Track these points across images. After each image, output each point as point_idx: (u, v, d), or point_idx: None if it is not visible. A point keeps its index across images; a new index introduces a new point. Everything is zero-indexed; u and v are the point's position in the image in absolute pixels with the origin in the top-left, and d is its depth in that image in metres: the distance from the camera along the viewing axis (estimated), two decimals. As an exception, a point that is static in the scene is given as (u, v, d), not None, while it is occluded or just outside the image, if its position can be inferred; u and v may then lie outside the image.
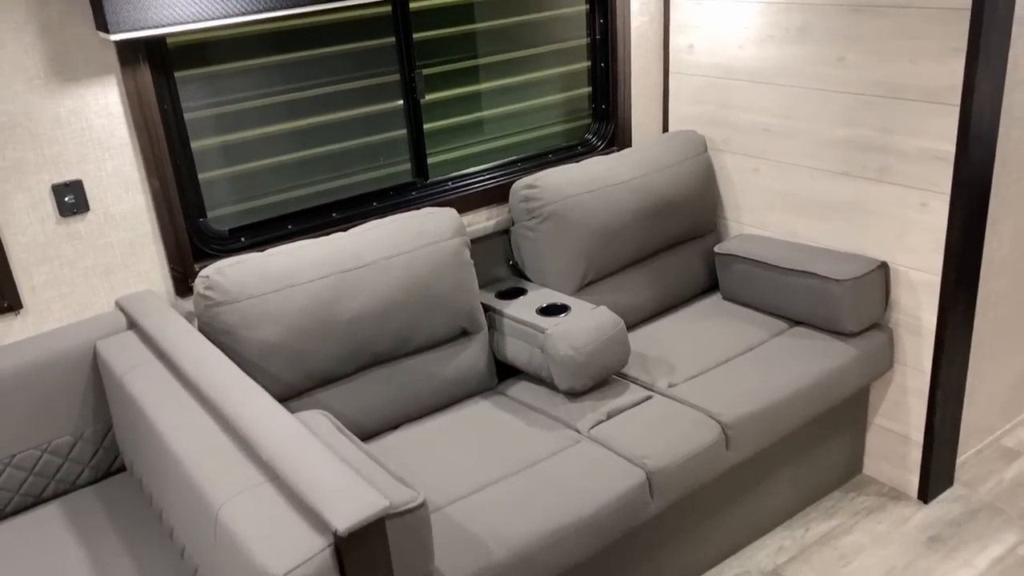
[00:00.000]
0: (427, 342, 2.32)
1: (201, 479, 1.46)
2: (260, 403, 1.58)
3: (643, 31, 2.91)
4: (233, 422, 1.55)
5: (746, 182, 2.85)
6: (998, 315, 2.68)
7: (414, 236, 2.26)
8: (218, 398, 1.63)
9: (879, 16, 2.32)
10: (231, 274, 2.03)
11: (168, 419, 1.66)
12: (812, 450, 2.58)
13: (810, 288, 2.51)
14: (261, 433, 1.48)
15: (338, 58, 2.38)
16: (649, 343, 2.60)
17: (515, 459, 2.09)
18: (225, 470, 1.47)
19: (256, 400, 1.59)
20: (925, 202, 2.37)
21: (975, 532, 2.54)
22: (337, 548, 1.28)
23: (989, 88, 2.22)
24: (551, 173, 2.58)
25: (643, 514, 2.04)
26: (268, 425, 1.50)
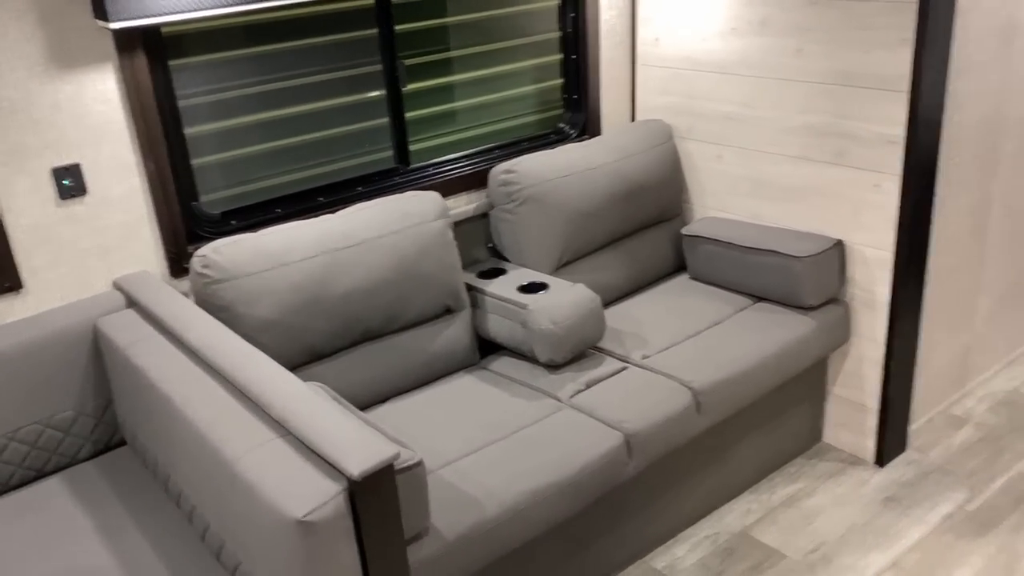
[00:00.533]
0: (414, 319, 2.43)
1: (215, 438, 1.56)
2: (267, 367, 1.68)
3: (611, 25, 3.05)
4: (242, 385, 1.65)
5: (710, 168, 3.01)
6: (945, 290, 2.86)
7: (400, 217, 2.37)
8: (225, 364, 1.72)
9: (834, 9, 2.49)
10: (228, 252, 2.12)
11: (177, 386, 1.75)
12: (775, 419, 2.74)
13: (772, 265, 2.67)
14: (270, 394, 1.58)
15: (324, 48, 2.48)
16: (622, 319, 2.74)
17: (501, 426, 2.21)
18: (238, 429, 1.57)
19: (262, 365, 1.69)
20: (878, 183, 2.54)
21: (927, 492, 2.72)
22: (351, 493, 1.39)
23: (934, 76, 2.39)
24: (528, 159, 2.70)
25: (622, 474, 2.17)
26: (276, 386, 1.60)
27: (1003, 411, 3.10)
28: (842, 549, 2.50)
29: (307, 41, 2.44)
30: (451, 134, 2.85)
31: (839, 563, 2.45)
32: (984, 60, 2.64)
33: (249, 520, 1.48)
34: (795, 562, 2.47)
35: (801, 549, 2.51)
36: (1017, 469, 2.80)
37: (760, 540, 2.56)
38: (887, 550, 2.49)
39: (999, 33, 2.65)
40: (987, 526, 2.56)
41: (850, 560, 2.46)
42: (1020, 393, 3.20)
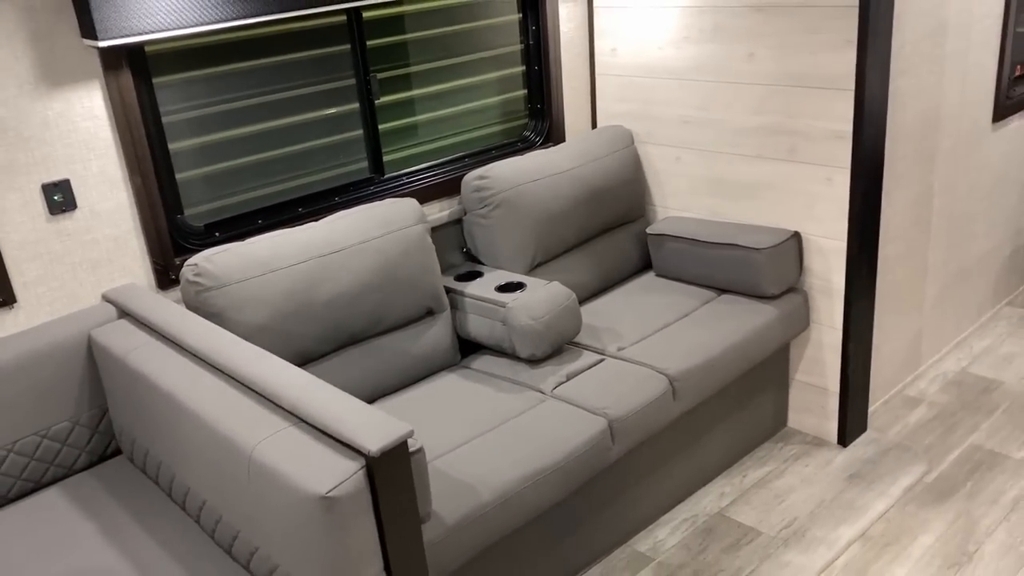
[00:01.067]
0: (397, 321, 2.51)
1: (228, 430, 1.62)
2: (271, 361, 1.75)
3: (570, 37, 3.19)
4: (249, 379, 1.71)
5: (670, 170, 3.15)
6: (895, 277, 3.04)
7: (381, 224, 2.46)
8: (228, 362, 1.79)
9: (782, 15, 2.66)
10: (218, 261, 2.19)
11: (182, 386, 1.81)
12: (743, 405, 2.88)
13: (734, 258, 2.82)
14: (279, 385, 1.65)
15: (300, 64, 2.56)
16: (595, 316, 2.86)
17: (488, 419, 2.30)
18: (249, 420, 1.63)
19: (266, 360, 1.76)
20: (830, 177, 2.70)
21: (888, 467, 2.87)
22: (369, 469, 1.47)
23: (877, 74, 2.57)
24: (499, 165, 2.81)
25: (606, 458, 2.27)
26: (284, 378, 1.67)
27: (953, 390, 3.28)
28: (813, 523, 2.64)
29: (283, 57, 2.52)
30: (422, 144, 2.95)
31: (811, 536, 2.59)
32: (920, 60, 2.83)
33: (268, 504, 1.54)
34: (770, 538, 2.60)
35: (775, 525, 2.64)
36: (969, 442, 2.97)
37: (736, 519, 2.68)
38: (855, 522, 2.63)
39: (931, 35, 2.85)
40: (945, 495, 2.72)
41: (821, 533, 2.60)
42: (968, 373, 3.39)
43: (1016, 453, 2.89)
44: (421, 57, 2.87)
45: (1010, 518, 2.60)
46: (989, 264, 3.65)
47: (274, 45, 2.50)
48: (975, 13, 3.05)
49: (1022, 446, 2.93)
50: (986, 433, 3.02)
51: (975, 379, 3.35)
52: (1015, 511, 2.63)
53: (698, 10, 2.86)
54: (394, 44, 2.78)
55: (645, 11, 3.02)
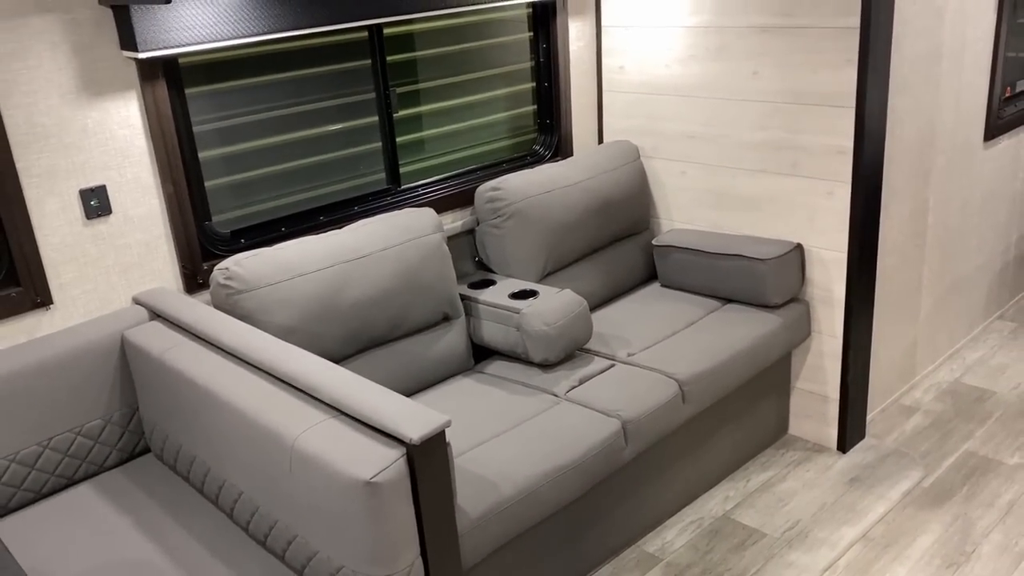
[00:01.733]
0: (416, 326, 2.59)
1: (270, 423, 1.70)
2: (307, 358, 1.83)
3: (579, 55, 3.30)
4: (287, 375, 1.79)
5: (675, 183, 3.26)
6: (892, 288, 3.15)
7: (402, 231, 2.55)
8: (265, 359, 1.86)
9: (785, 35, 2.77)
10: (248, 265, 2.27)
11: (221, 382, 1.89)
12: (747, 412, 2.97)
13: (738, 269, 2.92)
14: (318, 379, 1.73)
15: (324, 77, 2.66)
16: (604, 324, 2.95)
17: (506, 419, 2.38)
18: (290, 413, 1.71)
19: (302, 356, 1.84)
20: (831, 191, 2.81)
21: (887, 472, 2.97)
22: (409, 457, 1.55)
23: (877, 93, 2.68)
24: (512, 177, 2.91)
25: (620, 458, 2.36)
26: (322, 373, 1.75)
27: (947, 399, 3.39)
28: (816, 525, 2.73)
29: (308, 71, 2.62)
30: (436, 157, 3.05)
31: (814, 537, 2.67)
32: (917, 80, 2.96)
33: (311, 492, 1.62)
34: (775, 539, 2.68)
35: (779, 527, 2.73)
36: (963, 449, 3.07)
37: (741, 522, 2.76)
38: (856, 524, 2.72)
39: (927, 56, 2.98)
40: (942, 498, 2.82)
41: (824, 534, 2.68)
42: (961, 383, 3.50)
43: (1009, 459, 2.99)
44: (436, 73, 2.97)
45: (1005, 520, 2.69)
46: (981, 278, 3.77)
47: (299, 59, 2.60)
48: (968, 37, 3.19)
49: (1015, 452, 3.03)
50: (980, 440, 3.12)
51: (968, 389, 3.45)
52: (1010, 513, 2.72)
53: (704, 30, 2.98)
54: (412, 60, 2.89)
55: (652, 30, 3.13)
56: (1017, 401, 3.35)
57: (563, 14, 3.18)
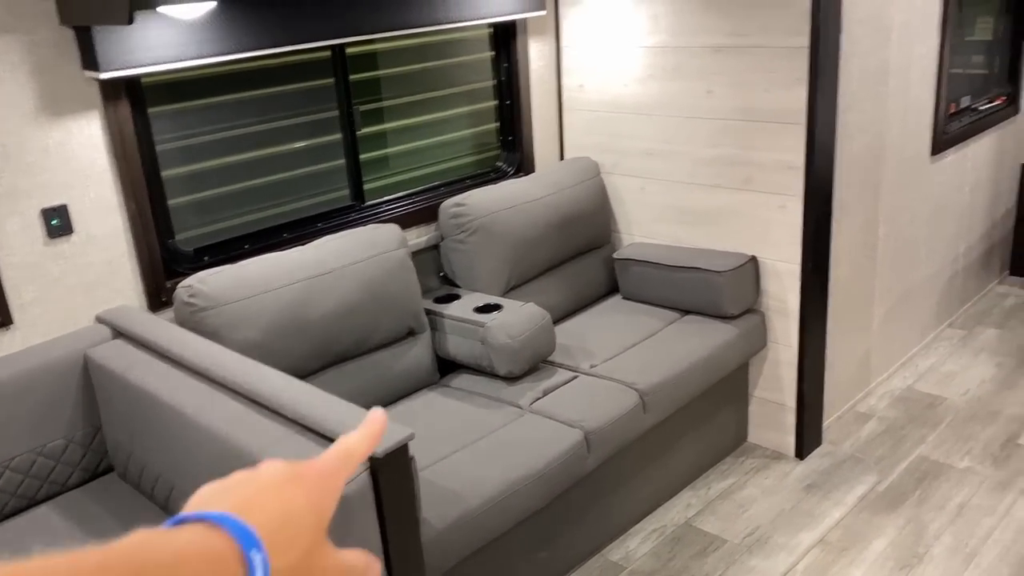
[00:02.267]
0: (380, 341, 2.62)
1: (236, 439, 1.72)
2: (271, 374, 1.85)
3: (540, 74, 3.37)
4: (251, 391, 1.81)
5: (634, 199, 3.33)
6: (845, 299, 3.24)
7: (367, 247, 2.58)
8: (230, 375, 1.88)
9: (738, 55, 2.86)
10: (212, 282, 2.28)
11: (186, 399, 1.90)
12: (707, 422, 3.03)
13: (696, 281, 2.99)
14: (282, 395, 1.75)
15: (287, 96, 2.68)
16: (567, 336, 3.00)
17: (471, 432, 2.41)
18: (256, 429, 1.73)
19: (266, 372, 1.86)
20: (783, 204, 2.90)
21: (843, 478, 3.05)
22: (373, 471, 1.58)
23: (826, 110, 2.78)
24: (476, 193, 2.96)
25: (583, 468, 2.40)
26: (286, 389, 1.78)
27: (900, 406, 3.49)
28: (775, 531, 2.79)
29: (272, 89, 2.65)
30: (400, 174, 3.08)
31: (773, 543, 2.74)
32: (865, 97, 3.06)
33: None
34: (735, 545, 2.74)
35: (739, 534, 2.79)
36: (916, 454, 3.17)
37: (702, 529, 2.82)
38: (814, 529, 2.79)
39: (875, 74, 3.09)
40: (896, 503, 2.90)
41: (783, 540, 2.75)
42: (913, 390, 3.60)
43: (960, 463, 3.09)
44: (400, 91, 3.01)
45: (956, 522, 2.78)
46: (931, 288, 3.89)
47: (263, 78, 2.62)
48: (914, 54, 3.30)
49: (964, 456, 3.13)
50: (932, 445, 3.21)
51: (921, 395, 3.56)
52: (960, 516, 2.81)
53: (661, 50, 3.06)
54: (375, 79, 2.93)
55: (610, 50, 3.21)
56: (966, 406, 3.45)
57: (523, 34, 3.24)
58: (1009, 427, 3.29)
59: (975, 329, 4.11)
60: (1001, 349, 3.90)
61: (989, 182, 4.19)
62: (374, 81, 2.93)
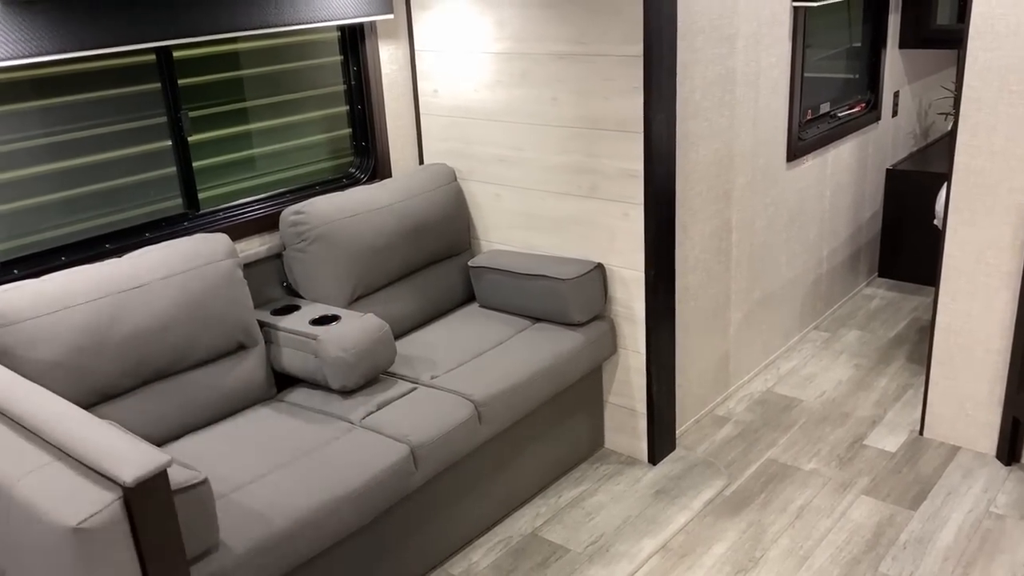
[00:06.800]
0: (205, 356, 2.53)
1: (-9, 467, 1.62)
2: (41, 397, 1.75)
3: (393, 78, 3.31)
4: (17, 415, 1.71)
5: (490, 205, 3.30)
6: (698, 304, 3.27)
7: (187, 258, 2.48)
8: None
9: (579, 62, 2.85)
10: (7, 298, 2.16)
11: (-48, 426, 1.79)
12: (558, 428, 3.02)
13: (543, 288, 2.98)
14: (45, 419, 1.66)
15: (111, 100, 2.57)
16: (415, 347, 2.95)
17: (293, 450, 2.34)
18: (15, 457, 1.63)
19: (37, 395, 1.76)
20: (626, 212, 2.90)
21: (692, 482, 3.07)
22: (127, 501, 1.50)
23: (664, 118, 2.79)
24: (317, 200, 2.88)
25: (409, 484, 2.36)
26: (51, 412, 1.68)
27: (758, 409, 3.54)
28: (618, 538, 2.79)
29: (92, 94, 2.53)
30: (245, 180, 2.99)
31: (615, 551, 2.74)
32: (710, 105, 3.09)
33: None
34: (577, 554, 2.73)
35: (583, 542, 2.78)
36: (766, 457, 3.21)
37: (547, 539, 2.81)
38: (657, 535, 2.80)
39: (720, 82, 3.12)
40: (740, 506, 2.93)
41: (625, 547, 2.75)
42: (772, 392, 3.66)
43: (806, 465, 3.15)
44: (245, 95, 2.92)
45: (795, 525, 2.83)
46: (793, 292, 3.96)
47: (82, 81, 2.50)
48: (763, 63, 3.35)
49: (811, 458, 3.19)
50: (782, 448, 3.27)
51: (778, 398, 3.62)
52: (799, 518, 2.86)
53: (507, 56, 3.04)
54: (216, 82, 2.83)
55: (461, 55, 3.17)
56: (820, 408, 3.53)
57: (372, 37, 3.18)
58: (857, 429, 3.37)
59: (839, 331, 4.20)
60: (861, 351, 4.00)
61: (852, 186, 4.29)
62: (215, 85, 2.83)
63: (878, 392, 3.63)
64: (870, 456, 3.18)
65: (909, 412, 3.46)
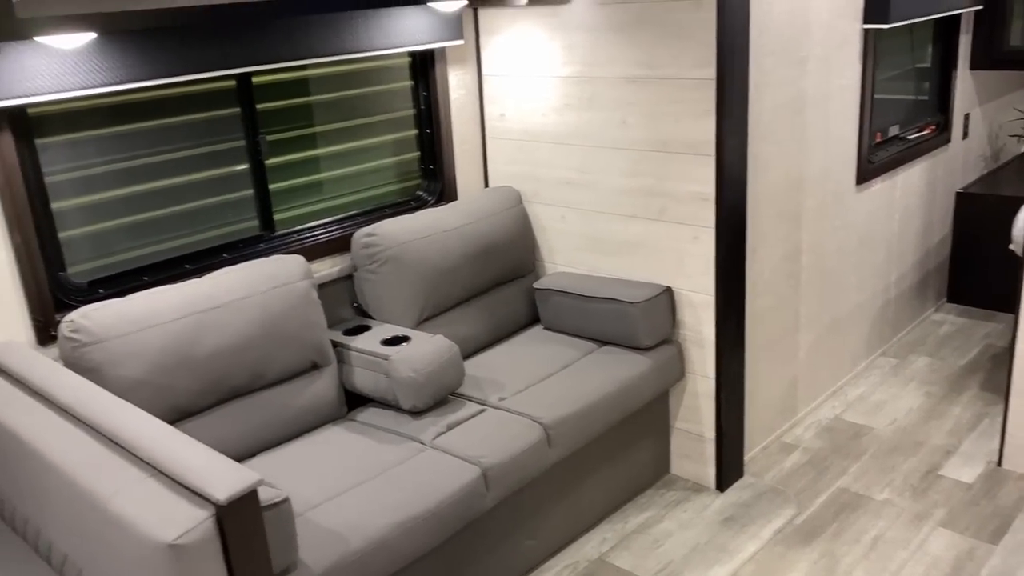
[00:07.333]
0: (280, 375, 2.57)
1: (87, 482, 1.66)
2: (134, 414, 1.80)
3: (461, 103, 3.35)
4: (111, 432, 1.76)
5: (555, 228, 3.31)
6: (768, 328, 3.23)
7: (265, 279, 2.53)
8: (93, 415, 1.83)
9: (650, 86, 2.86)
10: (95, 317, 2.23)
11: (48, 440, 1.84)
12: (624, 452, 3.00)
13: (611, 312, 2.97)
14: (139, 436, 1.70)
15: (191, 125, 2.64)
16: (482, 368, 2.96)
17: (365, 470, 2.36)
18: (110, 472, 1.67)
19: (130, 412, 1.81)
20: (696, 235, 2.88)
21: (761, 511, 3.02)
22: (219, 519, 1.53)
23: (736, 141, 2.77)
24: (388, 223, 2.92)
25: (481, 505, 2.36)
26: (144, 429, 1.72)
27: (826, 436, 3.47)
28: (686, 567, 2.75)
29: (174, 119, 2.61)
30: (317, 203, 3.05)
31: (685, 578, 2.70)
32: (780, 128, 3.06)
33: (123, 555, 1.58)
34: (646, 581, 2.70)
35: (651, 570, 2.75)
36: (837, 485, 3.14)
37: (615, 564, 2.78)
38: (726, 564, 2.76)
39: (790, 105, 3.09)
40: (811, 536, 2.87)
41: (694, 575, 2.71)
42: (841, 419, 3.59)
43: (878, 495, 3.07)
44: (317, 120, 2.98)
45: (869, 556, 2.76)
46: (861, 316, 3.89)
47: (165, 106, 2.58)
48: (833, 86, 3.32)
49: (884, 488, 3.11)
50: (853, 476, 3.19)
51: (847, 425, 3.54)
52: (874, 550, 2.79)
53: (576, 80, 3.05)
54: (290, 107, 2.89)
55: (529, 80, 3.20)
56: (891, 437, 3.44)
57: (442, 63, 3.23)
58: (931, 458, 3.28)
59: (908, 357, 4.11)
60: (931, 378, 3.90)
61: (921, 210, 4.21)
62: (290, 109, 2.89)
63: (951, 421, 3.53)
64: (946, 487, 3.09)
65: (985, 442, 3.36)
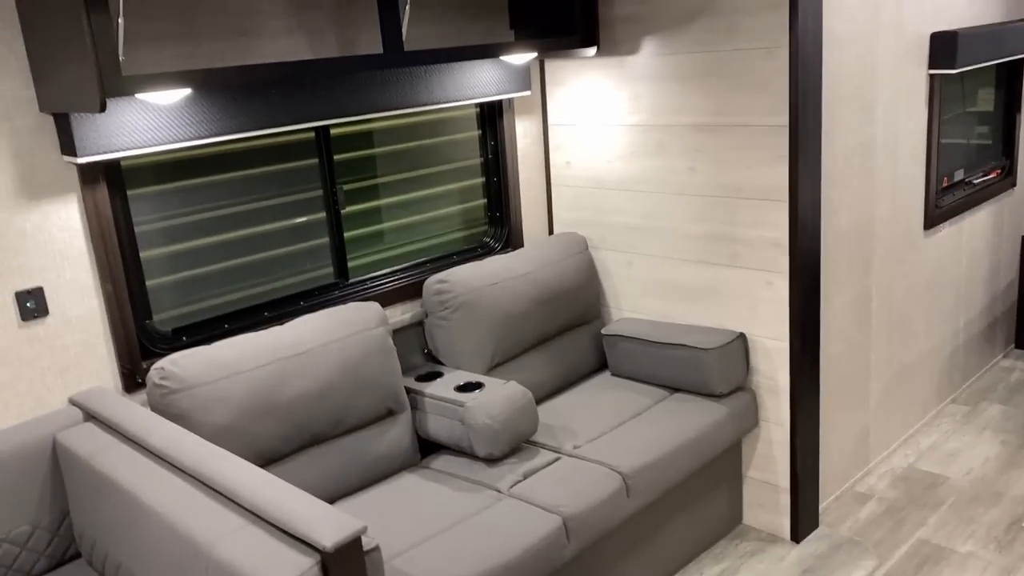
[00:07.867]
0: (358, 422, 2.58)
1: (189, 528, 1.67)
2: (230, 461, 1.81)
3: (527, 151, 3.39)
4: (209, 478, 1.77)
5: (622, 274, 3.31)
6: (840, 375, 3.18)
7: (344, 326, 2.56)
8: (190, 461, 1.85)
9: (719, 133, 2.87)
10: (184, 364, 2.27)
11: (144, 486, 1.86)
12: (698, 502, 2.95)
13: (684, 358, 2.94)
14: (238, 483, 1.71)
15: (271, 175, 2.71)
16: (552, 415, 2.95)
17: (445, 518, 2.35)
18: (210, 518, 1.69)
19: (226, 459, 1.83)
20: (770, 281, 2.87)
21: (840, 562, 2.94)
22: (324, 565, 1.53)
23: (809, 186, 2.77)
24: (459, 269, 2.95)
25: (562, 556, 2.33)
26: (243, 476, 1.74)
27: (901, 486, 3.39)
28: (768, 620, 2.68)
29: (255, 170, 2.67)
30: (387, 250, 3.09)
31: (766, 633, 2.63)
32: (851, 173, 3.05)
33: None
34: (726, 635, 2.63)
35: (730, 622, 2.68)
36: (917, 536, 3.06)
37: (692, 617, 2.72)
38: (808, 618, 2.68)
39: (860, 150, 3.09)
40: (895, 589, 2.79)
41: (776, 629, 2.64)
42: (915, 468, 3.50)
43: (961, 547, 2.98)
44: (387, 169, 3.04)
45: (957, 611, 2.66)
46: (931, 363, 3.81)
47: (246, 158, 2.65)
48: (901, 129, 3.31)
49: (967, 540, 3.01)
50: (933, 528, 3.10)
51: (922, 475, 3.45)
52: (962, 604, 2.69)
53: (643, 128, 3.08)
54: (362, 157, 2.95)
55: (595, 128, 3.23)
56: (969, 487, 3.35)
57: (510, 113, 3.28)
58: (1014, 509, 3.18)
59: (979, 405, 4.01)
60: (1006, 426, 3.80)
61: (987, 255, 4.15)
62: (361, 160, 2.95)
63: (1032, 470, 3.43)
64: (1033, 539, 2.99)
65: (1070, 493, 3.26)
